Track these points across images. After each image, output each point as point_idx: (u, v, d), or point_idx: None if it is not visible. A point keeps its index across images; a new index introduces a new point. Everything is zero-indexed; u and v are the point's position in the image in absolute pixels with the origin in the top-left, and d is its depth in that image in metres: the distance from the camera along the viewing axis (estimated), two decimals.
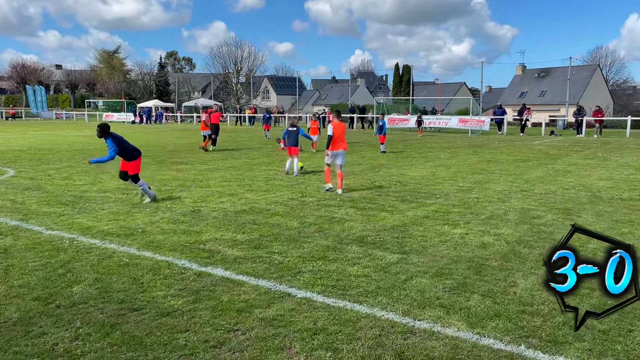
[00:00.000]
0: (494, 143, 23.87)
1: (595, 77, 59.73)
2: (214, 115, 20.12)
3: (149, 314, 4.06)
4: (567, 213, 7.97)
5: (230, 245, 6.08)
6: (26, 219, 7.45)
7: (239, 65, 73.76)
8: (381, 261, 5.48)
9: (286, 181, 11.41)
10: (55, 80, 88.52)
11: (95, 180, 11.42)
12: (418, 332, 3.77)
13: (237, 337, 3.67)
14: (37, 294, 4.45)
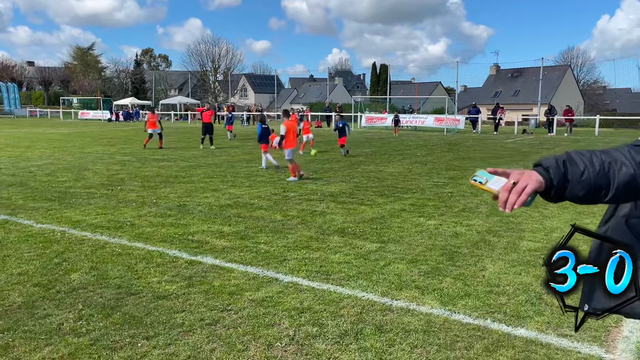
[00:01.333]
0: (468, 141, 24.54)
1: (566, 78, 61.41)
2: (205, 114, 20.20)
3: (145, 297, 4.34)
4: (534, 205, 8.46)
5: (217, 236, 6.38)
6: (14, 213, 7.61)
7: (217, 63, 73.56)
8: (361, 249, 5.84)
9: (268, 177, 11.71)
10: (28, 77, 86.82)
11: (78, 176, 11.54)
12: (395, 310, 4.15)
13: (230, 316, 3.98)
14: (37, 281, 4.69)
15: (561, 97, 53.28)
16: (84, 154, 16.83)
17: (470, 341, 3.59)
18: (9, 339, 3.56)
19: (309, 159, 15.76)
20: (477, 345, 3.53)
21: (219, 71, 74.49)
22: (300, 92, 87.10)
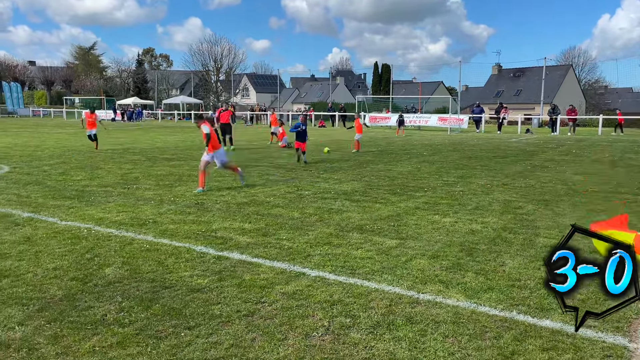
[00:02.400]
0: (472, 141, 24.69)
1: (568, 77, 61.54)
2: (223, 114, 19.68)
3: (180, 290, 4.50)
4: (546, 204, 8.62)
5: (240, 233, 6.53)
6: (37, 211, 7.76)
7: (219, 62, 73.69)
8: (382, 246, 5.99)
9: (280, 176, 11.86)
10: (30, 77, 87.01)
11: (92, 175, 11.70)
12: (423, 302, 4.30)
13: (264, 308, 4.14)
14: (73, 275, 4.84)
15: (563, 97, 53.42)
16: (94, 153, 16.98)
17: (499, 331, 3.74)
18: (56, 329, 3.71)
19: (320, 157, 15.92)
20: (506, 335, 3.68)
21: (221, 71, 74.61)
22: (302, 92, 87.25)
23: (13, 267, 5.10)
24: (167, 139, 24.48)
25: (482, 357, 3.37)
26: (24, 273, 4.91)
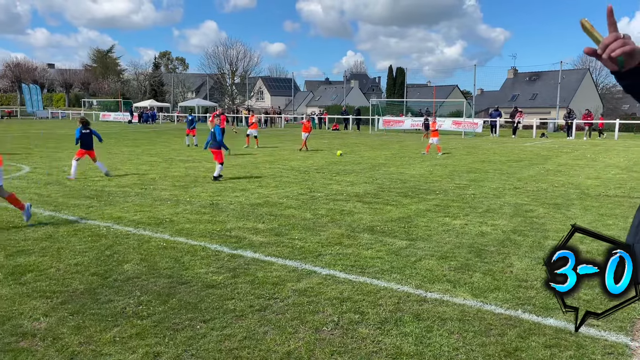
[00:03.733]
0: (487, 144, 24.65)
1: (585, 81, 60.95)
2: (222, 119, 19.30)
3: (196, 286, 4.67)
4: (557, 207, 8.66)
5: (253, 232, 6.70)
6: (58, 209, 8.02)
7: (235, 66, 74.24)
8: (392, 246, 6.12)
9: (293, 178, 12.03)
10: (50, 80, 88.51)
11: (111, 176, 11.97)
12: (430, 301, 4.42)
13: (277, 304, 4.29)
14: (93, 271, 5.05)
15: (580, 101, 52.95)
16: (111, 155, 17.32)
17: (504, 329, 3.85)
18: (79, 320, 3.91)
19: (334, 159, 16.08)
20: (510, 332, 3.79)
21: (237, 74, 75.16)
22: (316, 95, 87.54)
23: (37, 262, 5.32)
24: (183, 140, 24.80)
25: (486, 352, 3.49)
26: (47, 268, 5.13)
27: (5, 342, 3.55)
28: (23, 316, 3.97)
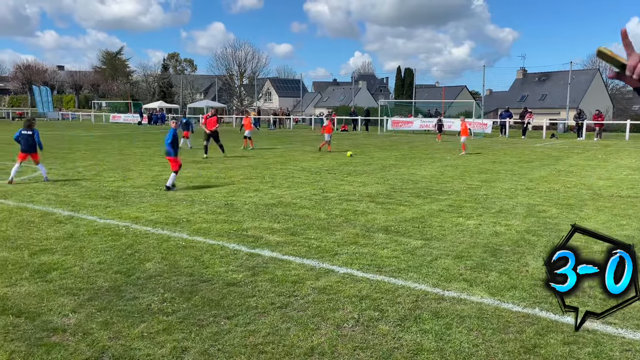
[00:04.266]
0: (497, 145, 24.62)
1: (595, 81, 60.60)
2: (210, 121, 18.02)
3: (217, 284, 4.77)
4: (570, 208, 8.69)
5: (269, 232, 6.80)
6: (76, 210, 8.16)
7: (243, 67, 74.54)
8: (407, 246, 6.19)
9: (305, 178, 12.13)
10: (60, 81, 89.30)
11: (124, 177, 12.13)
12: (448, 299, 4.49)
13: (297, 301, 4.38)
14: (116, 269, 5.16)
15: (590, 101, 52.67)
16: (123, 156, 17.51)
17: (522, 326, 3.92)
18: (107, 316, 4.02)
19: (344, 160, 16.16)
20: (529, 330, 3.85)
21: (245, 75, 75.46)
22: (324, 96, 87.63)
23: (60, 260, 5.45)
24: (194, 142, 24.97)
25: (505, 349, 3.55)
26: (71, 266, 5.25)
27: (38, 337, 3.66)
28: (52, 312, 4.09)
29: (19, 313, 4.06)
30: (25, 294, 4.47)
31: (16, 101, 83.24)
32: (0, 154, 17.69)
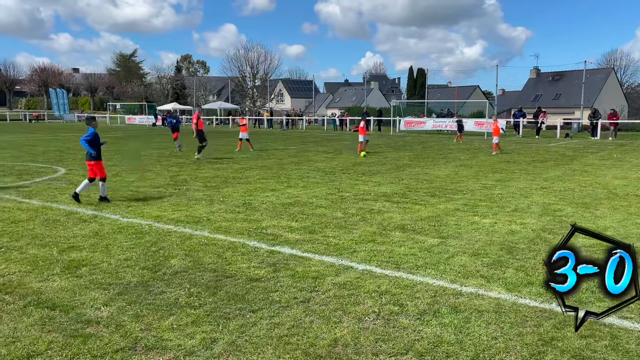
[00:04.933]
0: (511, 145, 24.55)
1: (609, 80, 59.99)
2: (200, 120, 17.61)
3: (241, 279, 4.93)
4: (585, 206, 8.73)
5: (288, 230, 6.95)
6: (99, 209, 8.38)
7: (255, 68, 74.93)
8: (424, 244, 6.30)
9: (320, 178, 12.26)
10: (75, 84, 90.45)
11: (143, 177, 12.36)
12: (466, 294, 4.60)
13: (319, 296, 4.52)
14: (143, 265, 5.34)
15: (604, 101, 52.17)
16: (142, 157, 17.78)
17: (539, 320, 4.02)
18: (137, 309, 4.19)
19: (358, 160, 16.28)
20: (546, 323, 3.95)
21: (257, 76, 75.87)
22: (336, 97, 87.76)
23: (88, 257, 5.64)
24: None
25: (523, 341, 3.66)
26: (99, 263, 5.44)
27: (73, 328, 3.84)
28: (85, 306, 4.27)
29: (54, 306, 4.25)
30: (58, 289, 4.66)
31: (32, 103, 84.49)
32: (19, 154, 18.09)
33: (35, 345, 3.58)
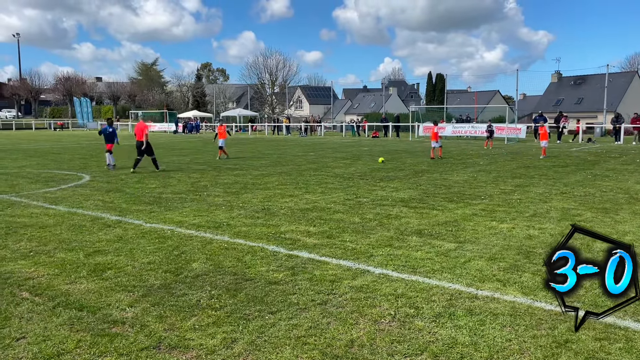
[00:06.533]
0: (531, 150, 24.34)
1: (634, 84, 58.93)
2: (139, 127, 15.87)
3: (260, 282, 5.06)
4: (605, 212, 8.67)
5: (306, 235, 7.06)
6: (123, 214, 8.61)
7: (274, 75, 75.59)
8: (440, 248, 6.36)
9: (338, 184, 12.37)
10: (98, 93, 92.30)
11: (165, 184, 12.62)
12: (481, 298, 4.65)
13: (336, 298, 4.62)
14: (165, 268, 5.51)
15: (628, 105, 51.26)
16: (162, 163, 18.10)
17: (554, 323, 4.05)
18: (160, 310, 4.34)
19: (376, 166, 16.35)
20: (561, 326, 3.99)
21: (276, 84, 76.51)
22: (354, 103, 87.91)
23: (113, 261, 5.83)
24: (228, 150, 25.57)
25: (538, 344, 3.70)
26: (124, 266, 5.62)
27: (100, 328, 4.01)
28: (111, 307, 4.44)
29: (81, 307, 4.43)
30: (85, 291, 4.85)
31: (57, 112, 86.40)
32: (45, 162, 18.59)
33: (64, 344, 3.75)
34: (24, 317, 4.23)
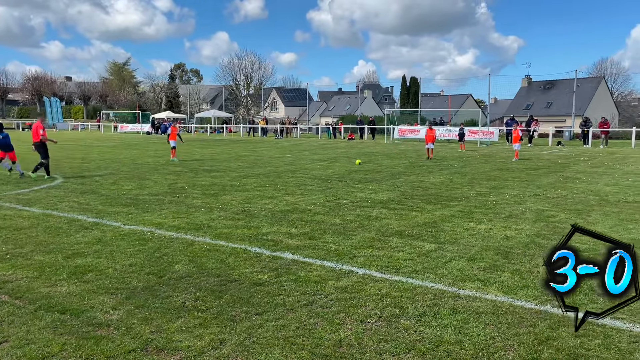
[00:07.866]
0: (503, 153, 24.84)
1: (600, 89, 60.74)
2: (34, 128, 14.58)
3: (244, 284, 5.05)
4: (578, 213, 8.93)
5: (288, 236, 7.08)
6: (100, 216, 8.47)
7: (249, 77, 75.23)
8: (421, 249, 6.45)
9: (317, 186, 12.41)
10: (68, 92, 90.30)
11: (141, 185, 12.46)
12: (464, 297, 4.75)
13: (321, 299, 4.65)
14: (148, 270, 5.45)
15: (595, 109, 52.82)
16: (137, 165, 17.87)
17: (535, 321, 4.17)
18: (145, 313, 4.30)
19: (353, 168, 16.45)
20: (542, 324, 4.11)
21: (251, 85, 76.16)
22: (330, 105, 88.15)
23: (93, 263, 5.74)
24: (203, 151, 25.36)
25: (520, 340, 3.81)
26: (105, 268, 5.54)
27: (84, 331, 3.95)
28: (94, 309, 4.38)
29: (64, 310, 4.35)
30: (67, 293, 4.76)
31: (25, 112, 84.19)
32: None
33: (49, 347, 3.68)
34: (5, 321, 4.14)
